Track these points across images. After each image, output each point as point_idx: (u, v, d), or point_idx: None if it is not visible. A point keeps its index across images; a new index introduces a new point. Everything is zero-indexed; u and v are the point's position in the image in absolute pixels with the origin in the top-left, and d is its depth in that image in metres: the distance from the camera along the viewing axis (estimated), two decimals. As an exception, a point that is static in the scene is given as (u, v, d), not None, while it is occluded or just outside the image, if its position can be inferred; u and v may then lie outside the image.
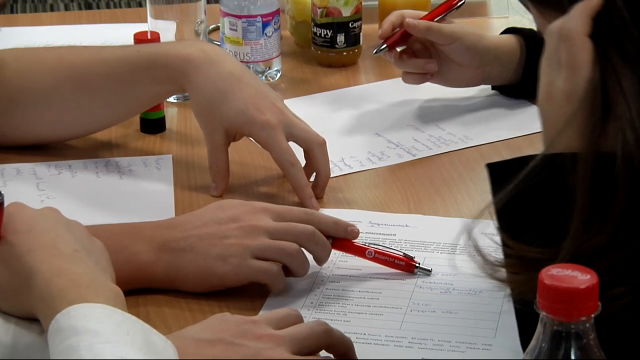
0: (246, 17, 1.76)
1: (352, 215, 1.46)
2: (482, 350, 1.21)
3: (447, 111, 1.75)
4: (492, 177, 1.14)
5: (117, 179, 1.57)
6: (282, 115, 1.50)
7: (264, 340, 1.11)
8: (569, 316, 0.85)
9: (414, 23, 1.69)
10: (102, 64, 1.57)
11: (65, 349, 0.98)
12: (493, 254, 1.15)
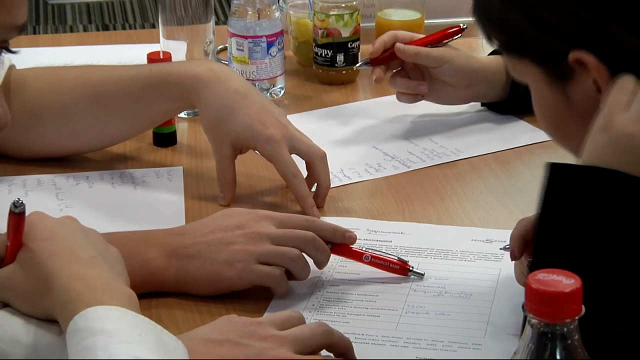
0: (252, 38, 1.76)
1: (350, 223, 1.46)
2: (472, 350, 1.21)
3: (439, 126, 1.74)
4: (550, 178, 1.10)
5: (132, 189, 1.57)
6: (286, 129, 1.50)
7: (268, 340, 1.10)
8: (555, 318, 0.85)
9: (404, 48, 1.69)
10: (118, 82, 1.57)
11: (82, 348, 0.98)
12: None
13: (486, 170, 1.62)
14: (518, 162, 1.64)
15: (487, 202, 1.53)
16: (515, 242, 1.28)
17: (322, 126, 1.74)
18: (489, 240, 1.42)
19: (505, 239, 1.35)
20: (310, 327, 1.15)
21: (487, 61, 1.75)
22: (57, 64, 1.67)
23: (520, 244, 1.28)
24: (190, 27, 1.74)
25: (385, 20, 1.90)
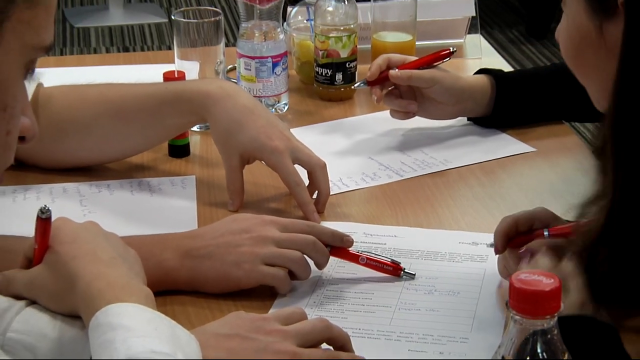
0: (259, 59, 1.75)
1: (348, 227, 1.45)
2: (460, 343, 1.21)
3: (429, 139, 1.74)
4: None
5: (149, 197, 1.57)
6: (289, 142, 1.50)
7: (273, 334, 1.10)
8: (536, 315, 0.85)
9: (397, 74, 1.68)
10: (136, 99, 1.56)
11: (103, 342, 0.98)
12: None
13: (472, 179, 1.61)
14: (501, 172, 1.63)
15: (473, 208, 1.53)
16: (499, 237, 1.29)
17: (323, 139, 1.73)
18: (475, 242, 1.42)
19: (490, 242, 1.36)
20: (311, 322, 1.15)
21: (472, 80, 1.74)
22: (81, 83, 1.67)
23: (503, 240, 1.29)
24: (202, 49, 1.74)
25: (380, 42, 1.90)
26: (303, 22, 1.94)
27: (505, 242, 1.29)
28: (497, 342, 0.98)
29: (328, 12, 1.83)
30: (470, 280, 1.33)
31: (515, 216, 1.30)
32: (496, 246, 1.30)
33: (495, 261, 1.33)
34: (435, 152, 1.69)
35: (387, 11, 1.88)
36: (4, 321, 1.10)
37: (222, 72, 1.76)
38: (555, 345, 0.85)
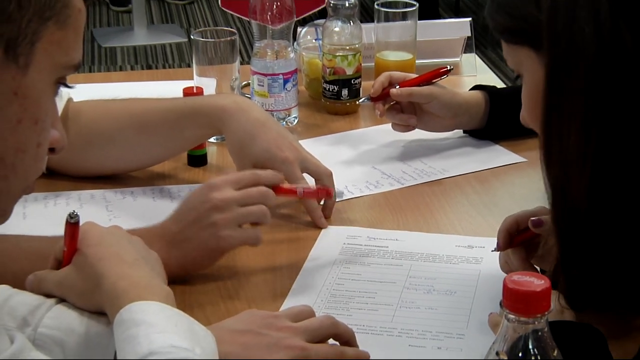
0: (271, 75, 1.75)
1: (353, 232, 1.46)
2: (456, 339, 1.21)
3: (428, 149, 1.73)
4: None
5: (169, 203, 1.56)
6: (298, 152, 1.49)
7: (284, 331, 1.10)
8: (528, 313, 0.84)
9: (398, 92, 1.67)
10: (157, 112, 1.56)
11: (127, 337, 0.97)
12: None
13: (468, 187, 1.61)
14: (494, 180, 1.63)
15: (468, 214, 1.52)
16: (502, 235, 1.28)
17: (329, 149, 1.73)
18: (470, 246, 1.41)
19: (484, 245, 1.35)
20: (319, 319, 1.15)
21: (468, 96, 1.74)
22: (108, 98, 1.67)
23: (505, 238, 1.28)
24: (219, 67, 1.74)
25: (382, 60, 1.90)
26: (312, 41, 1.94)
27: (507, 239, 1.27)
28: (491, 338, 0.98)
29: (335, 33, 1.82)
30: (466, 281, 1.33)
31: (516, 215, 1.28)
32: (499, 243, 1.28)
33: (489, 263, 1.33)
34: (433, 162, 1.68)
35: (389, 32, 1.88)
36: (36, 317, 1.10)
37: (237, 87, 1.76)
38: (546, 342, 0.85)
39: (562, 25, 1.03)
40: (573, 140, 1.05)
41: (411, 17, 1.86)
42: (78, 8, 0.91)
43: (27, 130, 0.89)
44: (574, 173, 1.06)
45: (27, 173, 0.92)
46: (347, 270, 1.36)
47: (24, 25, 0.86)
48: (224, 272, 1.36)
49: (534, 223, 1.23)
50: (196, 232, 1.30)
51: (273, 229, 1.47)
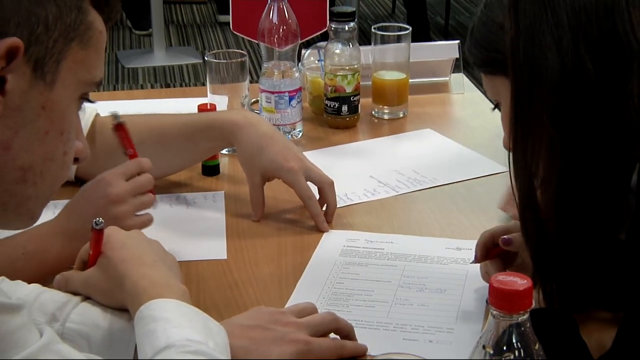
0: (277, 93, 1.75)
1: (352, 235, 1.45)
2: (446, 333, 1.20)
3: (420, 160, 1.72)
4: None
5: (185, 209, 1.56)
6: (303, 163, 1.49)
7: (289, 326, 1.10)
8: (511, 310, 0.84)
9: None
10: (174, 127, 1.56)
11: (146, 332, 0.97)
12: None
13: (456, 194, 1.60)
14: (480, 188, 1.62)
15: (457, 219, 1.51)
16: (479, 249, 1.27)
17: (331, 160, 1.72)
18: (459, 248, 1.41)
19: (471, 248, 1.35)
20: (321, 315, 1.15)
21: None
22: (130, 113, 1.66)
23: (481, 250, 1.28)
24: (230, 85, 1.73)
25: (379, 79, 1.89)
26: (315, 62, 1.94)
27: (484, 252, 1.27)
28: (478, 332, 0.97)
29: (336, 54, 1.82)
30: (455, 280, 1.32)
31: (492, 230, 1.27)
32: (476, 256, 1.27)
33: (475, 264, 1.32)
34: (425, 172, 1.68)
35: (385, 53, 1.87)
36: (64, 313, 1.10)
37: (246, 104, 1.76)
38: (528, 336, 0.85)
39: (524, 52, 1.02)
40: (539, 158, 1.04)
41: (405, 40, 1.86)
42: (99, 30, 0.91)
43: (53, 141, 0.89)
44: (543, 188, 1.05)
45: (54, 180, 0.92)
46: (346, 270, 1.36)
47: (51, 45, 0.86)
48: (234, 273, 1.35)
49: (504, 242, 1.24)
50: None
51: (279, 233, 1.47)
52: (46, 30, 0.85)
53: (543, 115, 1.01)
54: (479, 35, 1.11)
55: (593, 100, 0.99)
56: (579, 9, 0.99)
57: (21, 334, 0.78)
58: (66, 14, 0.86)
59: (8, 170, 0.86)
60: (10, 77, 0.83)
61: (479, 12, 1.12)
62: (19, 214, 0.91)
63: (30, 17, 0.84)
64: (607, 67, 0.99)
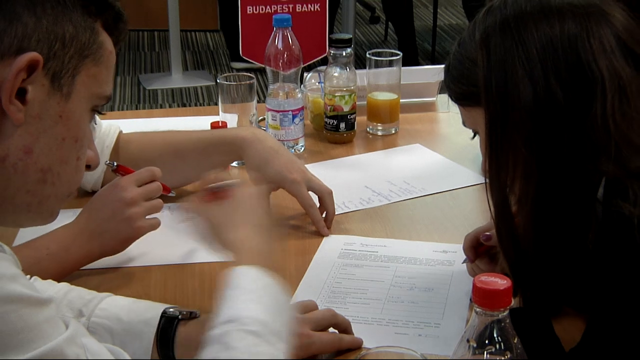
0: (282, 112, 1.75)
1: (349, 239, 1.45)
2: (434, 327, 1.20)
3: (411, 172, 1.72)
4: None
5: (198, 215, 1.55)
6: (305, 175, 1.48)
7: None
8: (492, 307, 0.84)
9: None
10: (189, 142, 1.56)
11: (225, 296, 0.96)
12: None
13: (443, 203, 1.60)
14: (465, 197, 1.62)
15: (443, 225, 1.51)
16: (468, 251, 1.27)
17: (330, 172, 1.71)
18: (445, 251, 1.40)
19: (456, 251, 1.34)
20: (321, 312, 1.14)
21: None
22: (151, 130, 1.67)
23: (471, 251, 1.27)
24: (240, 105, 1.73)
25: (373, 99, 1.89)
26: (315, 84, 1.93)
27: (474, 252, 1.27)
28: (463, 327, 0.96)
29: (334, 77, 1.82)
30: (441, 280, 1.31)
31: (475, 232, 1.28)
32: (469, 257, 1.28)
33: (460, 266, 1.32)
34: (415, 182, 1.67)
35: (379, 76, 1.87)
36: (89, 309, 1.09)
37: (254, 122, 1.76)
38: (508, 331, 0.84)
39: (496, 84, 1.02)
40: (515, 179, 1.04)
41: (396, 64, 1.86)
42: (109, 50, 0.91)
43: (69, 146, 0.89)
44: (520, 205, 1.06)
45: (69, 181, 0.91)
46: (344, 271, 1.35)
47: (67, 61, 0.86)
48: (243, 273, 1.35)
49: (484, 238, 1.25)
50: (114, 225, 1.30)
51: (284, 237, 1.46)
52: (63, 47, 0.85)
53: (518, 140, 1.02)
54: (455, 72, 1.11)
55: (563, 123, 1.00)
56: (547, 43, 1.00)
57: (48, 326, 0.78)
58: (81, 34, 0.87)
59: (30, 172, 0.86)
60: (31, 88, 0.84)
61: (453, 51, 1.11)
62: (40, 212, 0.91)
63: (49, 35, 0.84)
64: (574, 93, 0.99)
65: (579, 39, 0.99)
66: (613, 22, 1.01)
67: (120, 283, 1.31)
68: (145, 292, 1.28)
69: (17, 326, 0.75)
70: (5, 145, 0.84)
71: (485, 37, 1.03)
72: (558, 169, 1.01)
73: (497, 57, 1.02)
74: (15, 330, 0.75)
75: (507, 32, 1.02)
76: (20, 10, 0.83)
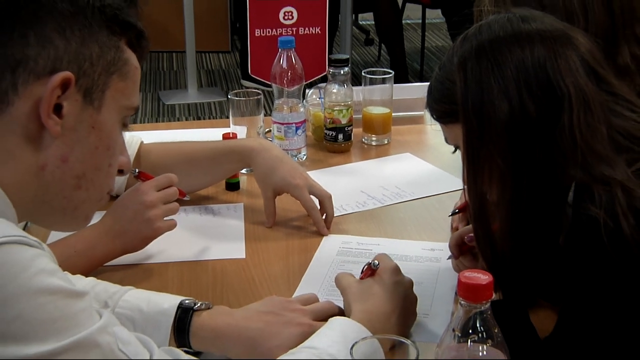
0: (286, 124, 1.74)
1: (347, 239, 1.44)
2: (423, 317, 1.19)
3: (402, 178, 1.71)
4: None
5: (211, 217, 1.55)
6: (306, 180, 1.48)
7: (296, 312, 1.09)
8: (475, 300, 0.83)
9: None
10: (203, 151, 1.55)
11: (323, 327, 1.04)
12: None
13: (430, 206, 1.59)
14: (450, 201, 1.60)
15: (430, 225, 1.50)
16: (453, 248, 1.27)
17: (329, 178, 1.71)
18: (432, 249, 1.40)
19: (442, 249, 1.34)
20: (322, 303, 1.14)
21: None
22: (168, 140, 1.66)
23: (456, 249, 1.27)
24: (248, 118, 1.72)
25: (368, 113, 1.88)
26: (316, 99, 1.93)
27: (458, 250, 1.26)
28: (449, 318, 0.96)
29: (333, 93, 1.82)
30: (429, 275, 1.31)
31: (459, 232, 1.28)
32: (454, 254, 1.27)
33: (446, 262, 1.32)
34: (405, 187, 1.67)
35: (373, 93, 1.87)
36: (113, 301, 1.09)
37: (261, 133, 1.75)
38: (489, 321, 0.84)
39: (472, 102, 1.02)
40: (491, 187, 1.04)
41: (388, 82, 1.86)
42: (135, 66, 0.92)
43: (102, 154, 0.89)
44: (497, 210, 1.05)
45: (101, 187, 0.91)
46: (342, 267, 1.34)
47: (96, 77, 0.87)
48: (251, 269, 1.34)
49: (469, 239, 1.24)
50: (135, 226, 1.31)
51: (287, 237, 1.46)
52: (91, 66, 0.86)
53: (493, 151, 1.02)
54: (437, 93, 1.11)
55: (535, 135, 1.00)
56: (519, 64, 1.01)
57: (83, 316, 0.77)
58: (107, 52, 0.87)
59: (66, 178, 0.87)
60: (66, 104, 0.84)
61: (434, 74, 1.11)
62: (75, 217, 0.91)
63: (78, 55, 0.85)
64: (544, 108, 1.00)
65: (547, 60, 1.00)
66: (577, 45, 1.02)
67: (141, 278, 1.31)
68: (163, 285, 1.27)
69: (55, 315, 0.75)
70: (44, 155, 0.85)
71: (463, 60, 1.04)
72: (531, 176, 1.01)
73: (474, 78, 1.03)
74: (52, 319, 0.75)
75: (482, 55, 1.03)
76: (51, 35, 0.84)
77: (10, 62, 0.82)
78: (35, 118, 0.83)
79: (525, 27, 1.03)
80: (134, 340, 0.82)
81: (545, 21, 1.04)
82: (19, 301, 0.73)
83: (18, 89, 0.82)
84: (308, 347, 0.97)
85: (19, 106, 0.83)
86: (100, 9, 0.87)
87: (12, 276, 0.74)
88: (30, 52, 0.83)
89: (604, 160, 0.99)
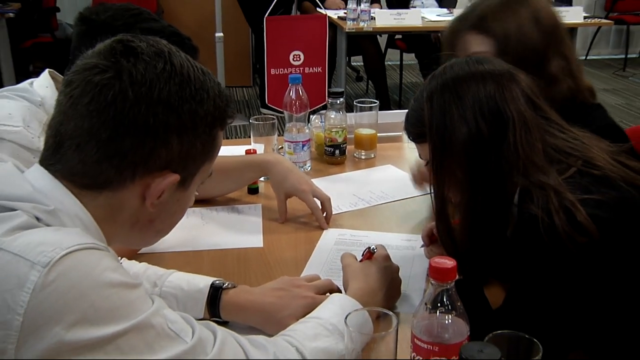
0: (294, 142, 1.74)
1: (342, 232, 1.43)
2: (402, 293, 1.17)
3: (386, 183, 1.70)
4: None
5: (237, 215, 1.54)
6: (311, 186, 1.47)
7: (302, 288, 1.09)
8: (443, 280, 0.83)
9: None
10: (231, 163, 1.55)
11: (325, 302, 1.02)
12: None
13: (407, 206, 1.59)
14: (422, 202, 1.60)
15: (407, 221, 1.50)
16: (425, 238, 1.28)
17: (329, 184, 1.70)
18: (409, 240, 1.39)
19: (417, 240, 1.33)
20: (322, 281, 1.13)
21: None
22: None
23: (428, 239, 1.27)
24: (265, 137, 1.72)
25: (358, 134, 1.88)
26: (318, 123, 1.93)
27: (429, 240, 1.27)
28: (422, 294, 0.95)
29: (331, 118, 1.81)
30: (406, 260, 1.30)
31: (430, 225, 1.28)
32: (425, 242, 1.28)
33: (420, 250, 1.31)
34: (389, 191, 1.66)
35: (362, 118, 1.87)
36: (161, 281, 1.09)
37: (276, 149, 1.75)
38: (454, 297, 0.83)
39: (436, 125, 1.03)
40: (451, 192, 1.06)
41: (374, 109, 1.86)
42: (220, 144, 0.90)
43: (179, 215, 0.90)
44: (458, 210, 1.06)
45: (172, 226, 0.92)
46: (338, 253, 1.32)
47: (193, 170, 0.86)
48: (267, 255, 1.34)
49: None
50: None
51: (295, 230, 1.45)
52: (193, 162, 0.85)
53: (453, 164, 1.03)
54: (412, 119, 1.12)
55: (487, 150, 1.01)
56: (475, 95, 1.02)
57: (139, 303, 0.77)
58: (206, 147, 0.86)
59: (148, 232, 0.88)
60: (166, 192, 0.85)
61: (410, 104, 1.13)
62: (147, 243, 0.92)
63: (187, 156, 0.84)
64: (494, 129, 1.01)
65: (496, 92, 1.02)
66: (519, 81, 1.04)
67: (182, 262, 1.30)
68: (198, 268, 1.27)
69: (117, 304, 0.74)
70: (136, 218, 0.85)
71: (430, 94, 1.06)
72: (484, 183, 1.02)
73: (439, 107, 1.04)
74: (115, 307, 0.74)
75: (446, 90, 1.04)
76: (171, 138, 0.81)
77: (137, 160, 0.80)
78: (139, 197, 0.83)
79: (479, 67, 1.04)
80: (179, 319, 0.81)
81: (494, 63, 1.06)
82: (91, 294, 0.73)
83: (135, 180, 0.82)
84: (315, 317, 0.97)
85: (131, 188, 0.82)
86: (213, 117, 0.84)
87: (85, 275, 0.73)
88: (152, 153, 0.81)
89: (541, 169, 1.00)
